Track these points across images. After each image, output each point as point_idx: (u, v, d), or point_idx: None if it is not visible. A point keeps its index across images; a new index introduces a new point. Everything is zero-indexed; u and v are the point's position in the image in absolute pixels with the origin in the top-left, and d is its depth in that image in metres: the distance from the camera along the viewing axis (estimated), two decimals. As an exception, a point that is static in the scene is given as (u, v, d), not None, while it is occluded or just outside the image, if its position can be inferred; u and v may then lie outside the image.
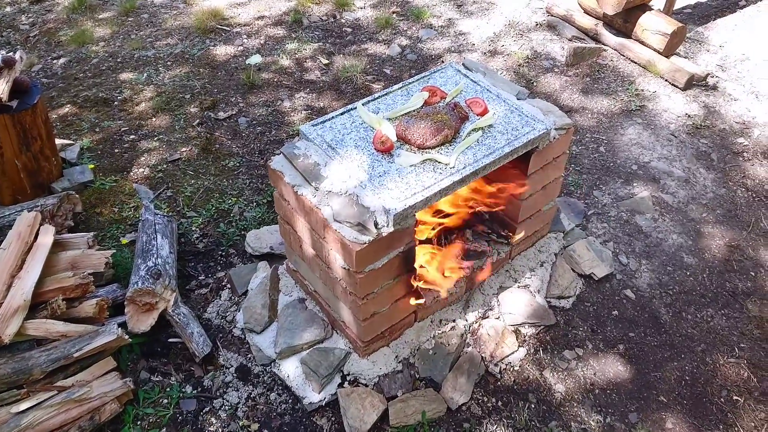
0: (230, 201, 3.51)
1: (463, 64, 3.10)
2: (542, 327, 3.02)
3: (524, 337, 3.00)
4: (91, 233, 2.98)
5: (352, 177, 2.37)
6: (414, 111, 2.65)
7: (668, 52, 4.44)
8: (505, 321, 3.02)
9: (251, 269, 3.17)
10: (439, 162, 2.43)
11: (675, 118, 4.16)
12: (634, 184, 3.71)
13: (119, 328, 2.64)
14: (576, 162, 3.85)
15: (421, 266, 2.68)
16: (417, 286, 2.61)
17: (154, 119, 4.16)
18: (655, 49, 4.50)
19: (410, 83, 2.84)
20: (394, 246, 2.38)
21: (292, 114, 4.27)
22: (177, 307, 2.84)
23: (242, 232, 3.36)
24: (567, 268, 3.24)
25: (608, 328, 3.07)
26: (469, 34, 5.15)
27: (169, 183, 3.62)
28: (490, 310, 3.05)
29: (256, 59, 4.94)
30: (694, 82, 4.39)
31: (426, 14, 5.43)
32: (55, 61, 5.10)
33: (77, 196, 3.22)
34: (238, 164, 3.79)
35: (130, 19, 5.79)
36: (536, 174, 2.79)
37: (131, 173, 3.69)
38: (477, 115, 2.65)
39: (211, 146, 3.91)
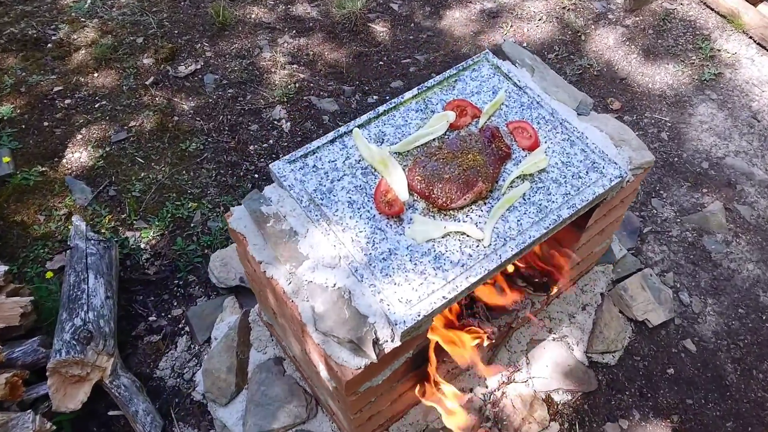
0: (190, 205, 2.80)
1: (502, 50, 2.28)
2: (580, 393, 2.47)
3: (557, 406, 2.46)
4: (2, 269, 2.32)
5: (343, 259, 1.69)
6: (434, 143, 1.90)
7: (758, -1, 3.53)
8: (534, 387, 2.46)
9: (215, 307, 2.56)
10: (469, 236, 1.73)
11: (759, 94, 3.35)
12: (704, 190, 3.00)
13: (38, 417, 2.06)
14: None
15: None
16: (433, 380, 2.01)
17: (95, 75, 3.34)
18: (741, -6, 3.57)
19: (428, 89, 2.06)
20: (400, 355, 1.76)
21: (272, 70, 3.43)
22: (116, 376, 2.25)
23: (205, 251, 2.70)
24: (615, 313, 2.63)
25: (661, 392, 2.52)
26: (500, -45, 4.14)
27: (112, 176, 2.90)
28: (518, 371, 2.49)
29: (229, -17, 3.97)
30: (787, 43, 3.52)
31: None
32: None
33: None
34: (201, 146, 3.04)
35: None
36: (595, 225, 2.09)
37: (64, 160, 2.94)
38: (523, 149, 1.92)
39: (167, 119, 3.13)
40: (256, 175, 2.94)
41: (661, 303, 2.66)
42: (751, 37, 3.57)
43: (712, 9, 3.71)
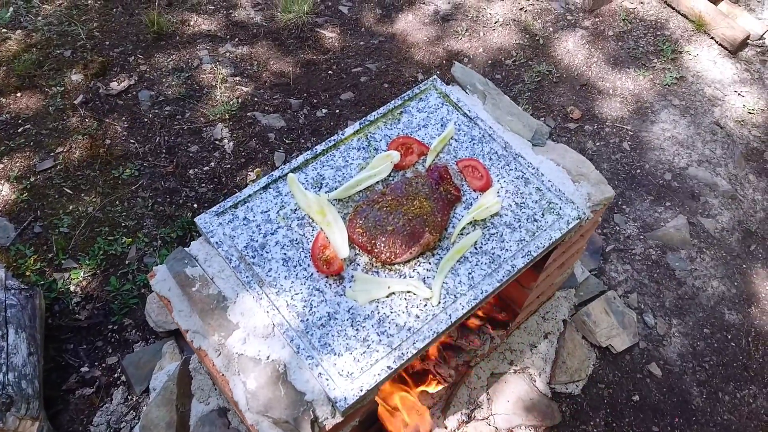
0: (124, 240, 2.61)
1: (452, 74, 2.14)
2: (543, 428, 2.38)
3: (520, 444, 2.36)
4: None
5: (277, 328, 1.55)
6: (378, 187, 1.76)
7: (719, -3, 3.44)
8: (496, 424, 2.37)
9: (154, 353, 2.40)
10: (416, 294, 1.60)
11: (721, 98, 3.28)
12: (667, 204, 2.92)
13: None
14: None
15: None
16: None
17: (18, 95, 3.09)
18: (701, -9, 3.49)
19: (371, 123, 1.91)
20: (344, 426, 1.62)
21: (214, 84, 3.23)
22: (42, 442, 2.07)
23: (142, 290, 2.52)
24: (578, 341, 2.55)
25: (626, 420, 2.47)
26: (454, -48, 3.97)
27: (37, 210, 2.68)
28: (478, 408, 2.38)
29: (166, -15, 3.73)
30: (750, 42, 3.44)
31: None
32: None
33: None
34: (136, 173, 2.84)
35: None
36: (553, 263, 1.98)
37: (-17, 193, 2.72)
38: (475, 190, 1.79)
39: (98, 143, 2.91)
40: (196, 205, 2.75)
41: (625, 327, 2.59)
42: (712, 38, 3.49)
43: (673, 8, 3.61)
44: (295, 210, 1.73)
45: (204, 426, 2.22)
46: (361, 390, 1.46)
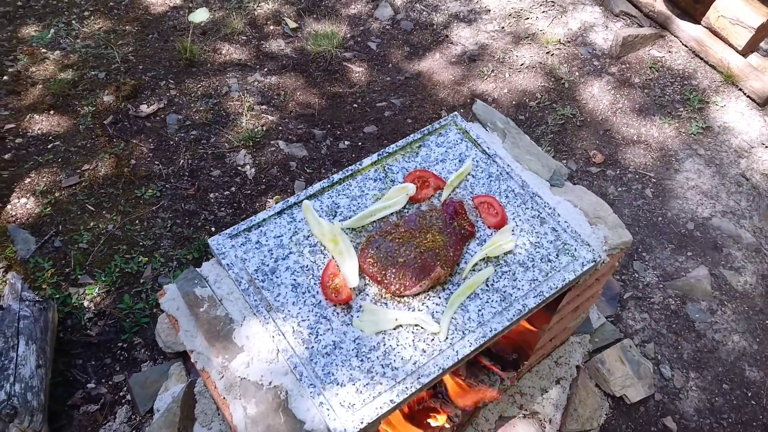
0: (141, 259, 2.64)
1: (474, 111, 2.15)
2: (552, 479, 2.30)
3: (526, 493, 2.28)
4: None
5: (282, 353, 1.53)
6: (392, 218, 1.76)
7: (748, 50, 3.43)
8: (502, 470, 2.29)
9: (160, 374, 2.39)
10: (424, 328, 1.58)
11: (748, 149, 3.24)
12: (689, 254, 2.86)
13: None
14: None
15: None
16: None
17: (51, 112, 3.18)
18: (731, 44, 3.48)
19: (389, 155, 1.92)
20: (344, 461, 1.58)
21: (241, 111, 3.29)
22: (42, 457, 2.06)
23: (154, 310, 2.53)
24: (591, 388, 2.48)
25: (639, 475, 2.36)
26: (485, -4, 4.05)
27: (59, 225, 2.73)
28: (484, 453, 2.31)
29: (201, 15, 3.84)
30: (778, 96, 3.42)
31: (431, -40, 4.27)
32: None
33: None
34: (158, 194, 2.88)
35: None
36: (567, 305, 1.95)
37: (8, 206, 2.77)
38: (489, 227, 1.77)
39: (124, 163, 2.97)
40: (214, 228, 2.78)
41: (641, 378, 2.51)
42: (741, 89, 3.47)
43: (701, 58, 3.61)
44: (308, 236, 1.73)
45: (204, 451, 2.20)
46: (362, 422, 1.43)
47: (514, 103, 3.40)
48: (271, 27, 3.81)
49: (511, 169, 1.92)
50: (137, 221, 2.78)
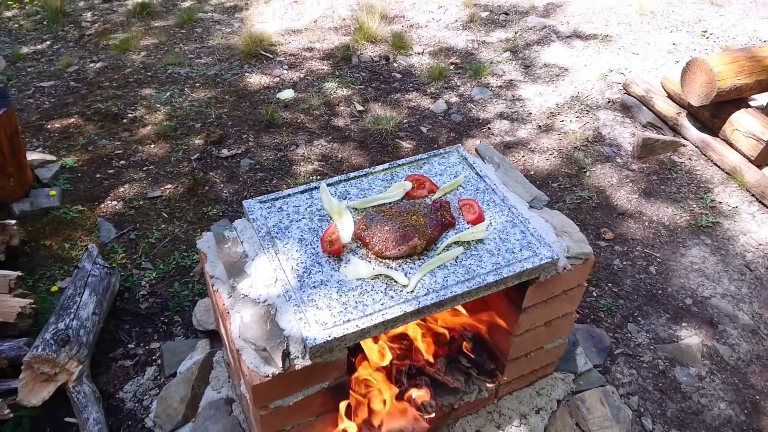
0: (195, 257, 3.10)
1: (476, 150, 2.57)
2: (520, 498, 2.39)
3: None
4: (15, 274, 2.66)
5: (278, 281, 1.89)
6: (388, 205, 2.15)
7: (761, 161, 3.70)
8: (473, 480, 2.41)
9: (189, 346, 2.75)
10: (395, 281, 1.91)
11: (755, 246, 3.41)
12: (683, 324, 3.00)
13: (0, 401, 2.26)
14: (615, 281, 3.19)
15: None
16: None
17: (152, 146, 3.87)
18: (744, 155, 3.77)
19: (398, 165, 2.35)
20: (313, 381, 1.88)
21: (301, 163, 3.86)
22: (80, 383, 2.43)
23: (196, 297, 2.94)
24: (569, 423, 2.60)
25: None
26: (528, 101, 4.59)
27: (137, 223, 3.28)
28: (458, 460, 2.45)
29: (287, 94, 4.60)
30: (789, 204, 3.62)
31: (485, 71, 4.92)
32: (91, 65, 4.98)
33: (15, 227, 2.92)
34: (220, 213, 3.40)
35: (182, 31, 5.64)
36: (534, 309, 2.20)
37: (102, 204, 3.37)
38: (468, 223, 2.11)
39: (199, 187, 3.55)
40: (259, 241, 3.23)
41: (619, 422, 2.61)
42: (752, 194, 3.70)
43: (717, 165, 3.90)
44: (320, 209, 2.15)
45: (210, 409, 2.49)
46: (330, 336, 1.74)
47: (537, 183, 3.78)
48: (342, 107, 4.48)
49: (496, 187, 2.29)
50: (200, 230, 3.29)
